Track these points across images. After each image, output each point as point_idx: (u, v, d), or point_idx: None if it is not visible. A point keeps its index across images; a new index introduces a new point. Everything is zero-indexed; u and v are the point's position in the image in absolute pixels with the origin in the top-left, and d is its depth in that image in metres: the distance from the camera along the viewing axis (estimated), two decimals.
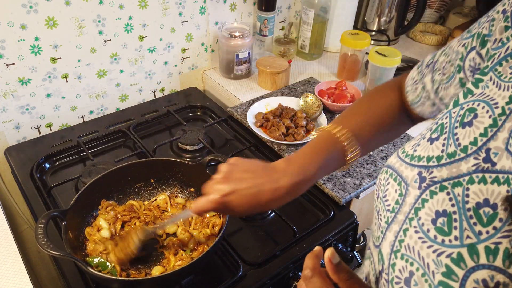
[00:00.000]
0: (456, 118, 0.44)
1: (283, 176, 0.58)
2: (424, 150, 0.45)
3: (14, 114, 1.09)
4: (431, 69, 0.59)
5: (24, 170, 1.01)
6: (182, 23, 1.26)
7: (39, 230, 0.67)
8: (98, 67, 1.16)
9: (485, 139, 0.39)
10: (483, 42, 0.48)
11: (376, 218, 0.51)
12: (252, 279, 0.79)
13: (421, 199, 0.43)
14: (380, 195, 0.50)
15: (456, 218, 0.39)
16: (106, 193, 0.86)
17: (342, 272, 0.45)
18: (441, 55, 0.58)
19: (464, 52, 0.51)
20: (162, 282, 0.70)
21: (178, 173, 0.90)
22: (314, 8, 1.37)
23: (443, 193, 0.41)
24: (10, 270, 0.77)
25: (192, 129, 1.14)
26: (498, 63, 0.43)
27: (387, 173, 0.50)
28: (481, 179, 0.38)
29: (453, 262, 0.37)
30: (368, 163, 1.03)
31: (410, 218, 0.43)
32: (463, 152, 0.41)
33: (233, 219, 0.91)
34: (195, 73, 1.40)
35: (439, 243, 0.39)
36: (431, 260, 0.39)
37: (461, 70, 0.52)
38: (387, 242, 0.46)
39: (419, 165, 0.45)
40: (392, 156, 0.51)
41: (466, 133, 0.41)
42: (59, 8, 1.01)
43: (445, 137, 0.44)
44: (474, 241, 0.37)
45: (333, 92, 1.24)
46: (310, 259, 0.50)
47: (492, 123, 0.39)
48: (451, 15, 1.79)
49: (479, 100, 0.42)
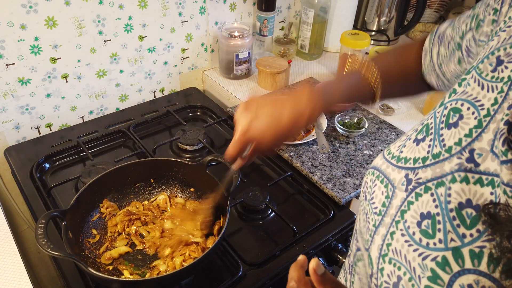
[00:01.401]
0: (440, 119, 0.43)
1: (302, 97, 0.59)
2: (410, 152, 0.45)
3: (14, 114, 1.09)
4: (440, 40, 0.59)
5: (24, 170, 1.01)
6: (182, 23, 1.26)
7: (39, 230, 0.67)
8: (98, 67, 1.16)
9: (470, 139, 0.39)
10: (478, 26, 0.48)
11: (364, 221, 0.50)
12: (252, 279, 0.79)
13: (407, 201, 0.42)
14: (367, 197, 0.50)
15: (439, 220, 0.38)
16: (106, 193, 0.86)
17: (327, 283, 0.44)
18: (448, 28, 0.57)
19: (464, 30, 0.51)
20: (162, 282, 0.70)
21: (178, 173, 0.90)
22: (314, 8, 1.37)
23: (428, 194, 0.40)
24: (10, 270, 0.77)
25: (192, 129, 1.14)
26: (480, 62, 0.43)
27: (373, 175, 0.49)
28: (463, 179, 0.38)
29: (438, 266, 0.37)
30: (368, 163, 1.03)
31: (397, 221, 0.43)
32: (447, 152, 0.40)
33: (233, 219, 0.91)
34: (195, 73, 1.40)
35: (424, 246, 0.39)
36: (417, 264, 0.39)
37: (460, 48, 0.52)
38: (375, 245, 0.46)
39: (405, 167, 0.44)
40: (378, 157, 0.51)
41: (452, 134, 0.41)
42: (59, 8, 1.01)
43: (431, 138, 0.43)
44: (459, 244, 0.36)
45: None
46: (294, 270, 0.48)
47: (477, 124, 0.39)
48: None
49: (462, 99, 0.42)
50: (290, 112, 0.58)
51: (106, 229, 0.83)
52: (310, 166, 1.02)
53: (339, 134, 1.13)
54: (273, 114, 0.58)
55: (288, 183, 1.02)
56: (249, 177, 1.02)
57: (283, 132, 0.59)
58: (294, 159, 1.04)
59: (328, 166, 1.02)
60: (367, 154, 1.06)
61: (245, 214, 0.93)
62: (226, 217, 0.77)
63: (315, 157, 1.05)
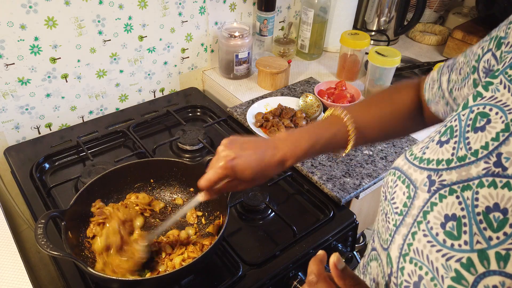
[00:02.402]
0: (466, 122, 0.43)
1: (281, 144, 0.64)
2: (433, 153, 0.45)
3: (14, 114, 1.09)
4: (450, 69, 0.60)
5: (23, 170, 1.01)
6: (182, 23, 1.26)
7: (38, 230, 0.67)
8: (97, 67, 1.16)
9: (497, 143, 0.39)
10: (499, 44, 0.48)
11: (383, 221, 0.50)
12: (251, 279, 0.79)
13: (430, 202, 0.42)
14: (387, 197, 0.50)
15: (465, 222, 0.38)
16: (105, 193, 0.86)
17: (348, 278, 0.44)
18: (461, 56, 0.58)
19: (480, 54, 0.51)
20: (161, 282, 0.70)
21: (178, 173, 0.90)
22: (314, 8, 1.37)
23: (453, 197, 0.40)
24: (10, 270, 0.77)
25: (191, 129, 1.14)
26: (509, 66, 0.43)
27: (394, 175, 0.49)
28: (491, 183, 0.38)
29: (463, 267, 0.37)
30: (368, 163, 1.03)
31: (419, 221, 0.43)
32: (473, 156, 0.40)
33: (233, 219, 0.91)
34: (194, 73, 1.40)
35: (448, 247, 0.39)
36: (440, 264, 0.39)
37: (476, 71, 0.52)
38: (395, 245, 0.46)
39: (428, 168, 0.44)
40: (399, 158, 0.51)
41: (478, 138, 0.41)
42: (58, 8, 1.01)
43: (455, 141, 0.43)
44: (484, 246, 0.36)
45: (333, 92, 1.24)
46: (314, 264, 0.49)
47: (504, 128, 0.39)
48: (450, 15, 1.79)
49: (490, 104, 0.42)
50: (272, 155, 0.63)
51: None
52: (310, 166, 1.02)
53: None
54: (256, 152, 0.63)
55: (288, 183, 1.02)
56: None
57: (263, 171, 0.63)
58: None
59: (328, 166, 1.02)
60: (367, 154, 1.06)
61: (245, 214, 0.93)
62: (226, 217, 0.77)
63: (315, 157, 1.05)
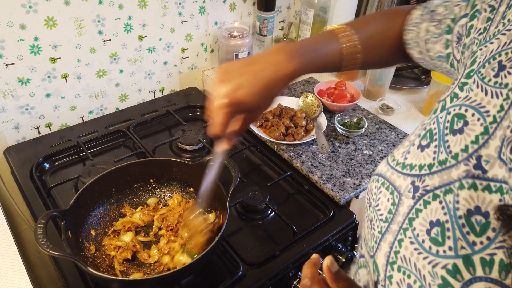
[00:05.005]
0: (444, 124, 0.43)
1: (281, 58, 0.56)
2: (415, 158, 0.45)
3: (14, 114, 1.09)
4: (430, 18, 0.58)
5: (23, 170, 1.01)
6: (182, 23, 1.26)
7: (38, 230, 0.67)
8: (97, 67, 1.16)
9: (476, 146, 0.39)
10: (473, 16, 0.47)
11: (369, 227, 0.50)
12: (251, 279, 0.79)
13: (415, 209, 0.42)
14: (372, 204, 0.49)
15: (448, 227, 0.38)
16: (105, 193, 0.86)
17: (341, 281, 0.44)
18: (441, 5, 0.56)
19: (457, 15, 0.51)
20: (161, 281, 0.70)
21: (178, 173, 0.90)
22: (314, 8, 1.37)
23: (436, 202, 0.40)
24: (10, 270, 0.77)
25: (191, 129, 1.14)
26: (482, 66, 0.43)
27: (378, 181, 0.49)
28: (471, 185, 0.38)
29: (449, 273, 0.37)
30: (368, 163, 1.03)
31: (405, 228, 0.43)
32: (454, 159, 0.40)
33: (233, 219, 0.91)
34: (194, 73, 1.40)
35: (434, 254, 0.39)
36: (427, 272, 0.39)
37: (450, 32, 0.51)
38: (382, 252, 0.46)
39: (412, 174, 0.44)
40: (381, 164, 0.50)
41: (457, 140, 0.41)
42: (58, 8, 1.01)
43: (435, 144, 0.43)
44: (469, 252, 0.36)
45: (333, 92, 1.24)
46: (308, 268, 0.49)
47: (483, 131, 0.39)
48: None
49: (465, 105, 0.42)
50: (275, 71, 0.56)
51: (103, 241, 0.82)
52: (310, 166, 1.02)
53: (339, 134, 1.13)
54: (256, 75, 0.55)
55: (288, 183, 1.02)
56: (249, 177, 1.02)
57: (268, 92, 0.56)
58: (294, 159, 1.04)
59: (328, 166, 1.02)
60: (367, 154, 1.06)
61: (245, 214, 0.93)
62: (225, 217, 0.77)
63: (315, 157, 1.05)
